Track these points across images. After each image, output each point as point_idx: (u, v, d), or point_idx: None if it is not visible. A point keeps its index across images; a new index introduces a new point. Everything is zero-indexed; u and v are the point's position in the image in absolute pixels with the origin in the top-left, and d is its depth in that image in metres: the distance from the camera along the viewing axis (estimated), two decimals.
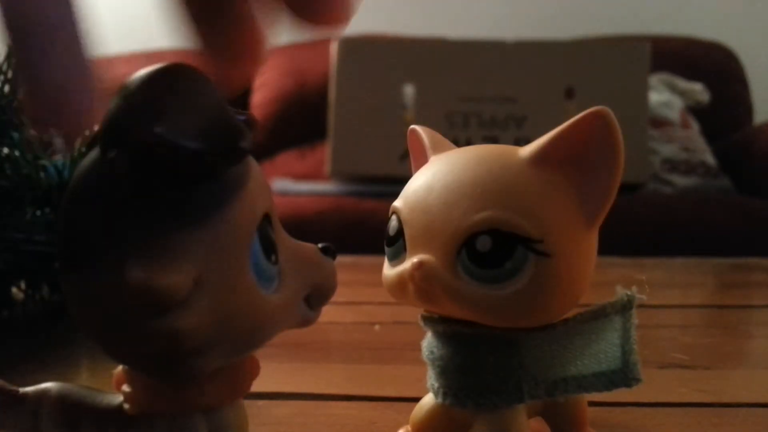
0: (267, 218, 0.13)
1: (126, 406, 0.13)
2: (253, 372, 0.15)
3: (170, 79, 0.11)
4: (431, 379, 0.19)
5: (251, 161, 0.13)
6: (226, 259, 0.12)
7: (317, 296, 0.15)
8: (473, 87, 1.07)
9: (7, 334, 0.38)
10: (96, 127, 0.12)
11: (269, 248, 0.13)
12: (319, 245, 0.15)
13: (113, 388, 0.14)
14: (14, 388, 0.14)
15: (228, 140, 0.11)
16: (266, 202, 0.13)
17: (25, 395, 0.14)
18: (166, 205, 0.11)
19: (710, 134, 1.25)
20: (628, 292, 0.18)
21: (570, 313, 0.18)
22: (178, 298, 0.11)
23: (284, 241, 0.14)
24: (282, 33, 0.14)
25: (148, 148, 0.11)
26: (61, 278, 0.12)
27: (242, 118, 0.13)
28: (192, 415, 0.14)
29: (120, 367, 0.14)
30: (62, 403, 0.14)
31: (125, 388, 0.14)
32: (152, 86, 0.11)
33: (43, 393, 0.14)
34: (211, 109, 0.11)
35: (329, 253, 0.15)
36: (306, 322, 0.14)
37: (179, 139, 0.11)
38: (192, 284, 0.11)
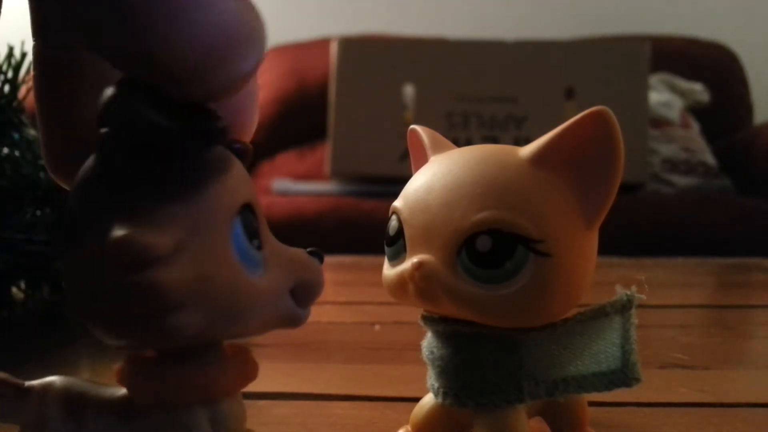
0: (249, 207, 0.14)
1: (132, 398, 0.14)
2: (253, 368, 0.15)
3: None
4: (431, 379, 0.19)
5: (233, 158, 0.14)
6: (207, 232, 0.13)
7: (304, 292, 0.15)
8: (473, 87, 1.07)
9: (7, 334, 0.38)
10: None
11: (252, 233, 0.14)
12: (307, 250, 0.16)
13: (116, 382, 0.14)
14: (19, 381, 0.15)
15: (200, 123, 0.13)
16: (248, 193, 0.14)
17: (30, 388, 0.15)
18: (150, 179, 0.12)
19: (710, 134, 1.25)
20: (628, 292, 0.18)
21: (570, 313, 0.18)
22: (159, 255, 0.12)
23: (269, 237, 0.15)
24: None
25: (131, 124, 0.12)
26: (60, 262, 0.13)
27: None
28: (192, 407, 0.14)
29: (121, 361, 0.14)
30: (67, 395, 0.14)
31: (130, 380, 0.14)
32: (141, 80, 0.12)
33: (48, 386, 0.15)
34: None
35: (316, 255, 0.16)
36: (294, 318, 0.15)
37: (157, 118, 0.12)
38: (173, 246, 0.12)
